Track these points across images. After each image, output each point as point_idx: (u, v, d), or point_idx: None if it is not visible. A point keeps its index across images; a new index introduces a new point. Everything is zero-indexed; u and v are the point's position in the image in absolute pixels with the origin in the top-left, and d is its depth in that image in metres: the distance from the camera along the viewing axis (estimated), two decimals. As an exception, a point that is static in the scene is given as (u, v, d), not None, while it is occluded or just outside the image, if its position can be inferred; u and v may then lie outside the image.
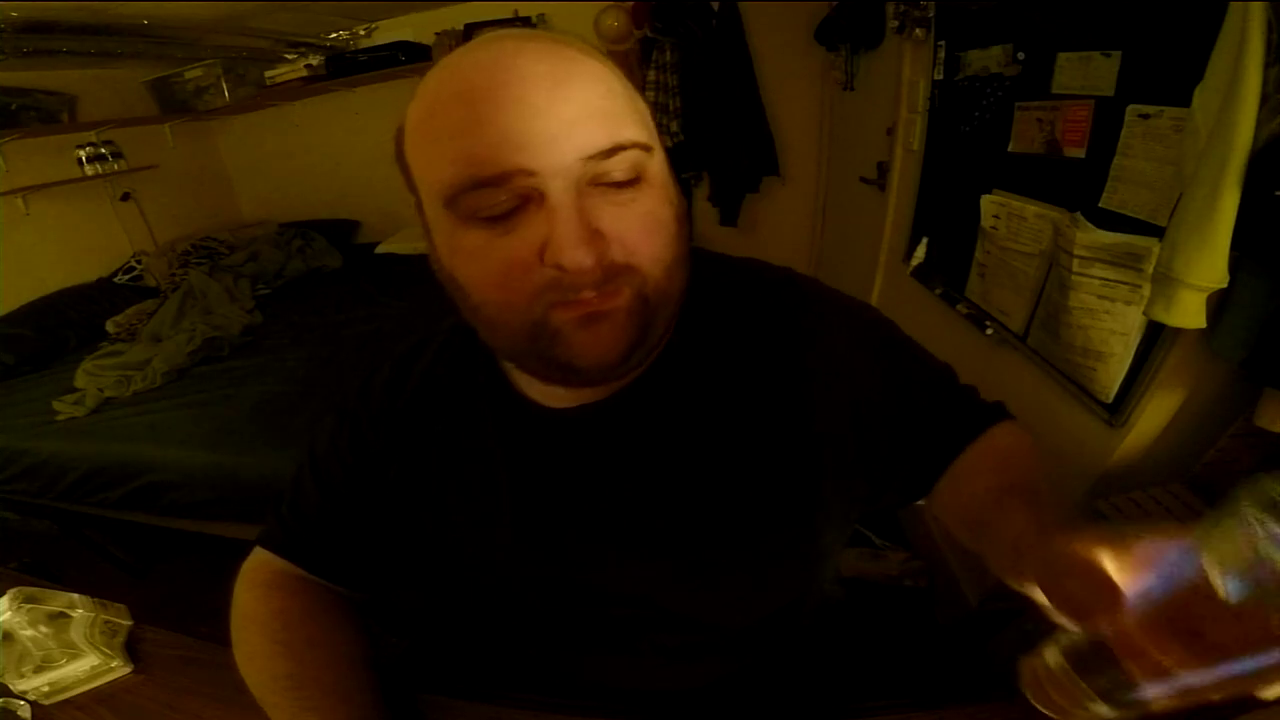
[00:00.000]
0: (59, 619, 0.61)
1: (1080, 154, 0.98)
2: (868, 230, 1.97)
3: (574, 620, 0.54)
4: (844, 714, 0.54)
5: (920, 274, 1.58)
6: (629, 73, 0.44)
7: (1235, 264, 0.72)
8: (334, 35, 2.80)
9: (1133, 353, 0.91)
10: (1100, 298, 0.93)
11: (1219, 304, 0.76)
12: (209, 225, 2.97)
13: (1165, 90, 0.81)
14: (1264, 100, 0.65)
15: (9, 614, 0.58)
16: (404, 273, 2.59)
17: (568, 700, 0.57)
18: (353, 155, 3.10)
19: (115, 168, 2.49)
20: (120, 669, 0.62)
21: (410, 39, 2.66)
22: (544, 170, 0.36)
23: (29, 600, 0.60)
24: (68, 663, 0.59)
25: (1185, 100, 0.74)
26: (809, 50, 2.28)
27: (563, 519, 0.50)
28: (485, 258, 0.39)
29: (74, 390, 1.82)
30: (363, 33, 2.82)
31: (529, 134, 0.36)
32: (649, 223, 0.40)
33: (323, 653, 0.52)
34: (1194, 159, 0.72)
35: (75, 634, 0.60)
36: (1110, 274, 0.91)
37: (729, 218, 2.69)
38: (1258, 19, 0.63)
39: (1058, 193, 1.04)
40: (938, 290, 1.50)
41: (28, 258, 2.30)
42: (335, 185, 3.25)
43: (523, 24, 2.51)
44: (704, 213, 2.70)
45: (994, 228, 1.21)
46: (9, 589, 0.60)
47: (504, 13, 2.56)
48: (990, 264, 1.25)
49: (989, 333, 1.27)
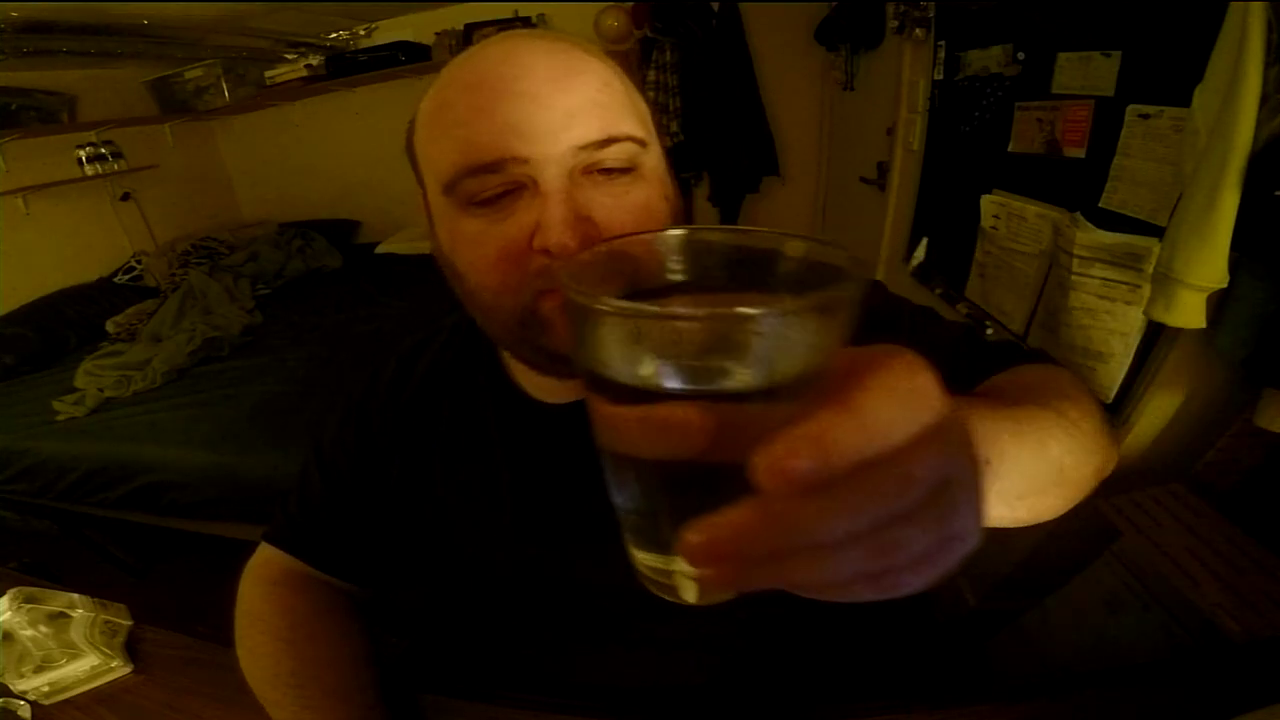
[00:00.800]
0: (59, 619, 0.61)
1: (1080, 154, 0.98)
2: (868, 230, 1.97)
3: (573, 613, 0.54)
4: (844, 714, 0.54)
5: (920, 274, 1.58)
6: (629, 73, 0.44)
7: (1235, 264, 0.72)
8: (334, 35, 2.81)
9: (1133, 353, 0.91)
10: (1100, 298, 0.93)
11: (1219, 304, 0.76)
12: (209, 225, 2.97)
13: (1165, 90, 0.81)
14: (1264, 100, 0.65)
15: (9, 614, 0.58)
16: (404, 273, 2.59)
17: (567, 700, 0.57)
18: (353, 155, 3.10)
19: (115, 168, 2.49)
20: (120, 669, 0.62)
21: (410, 39, 2.66)
22: (537, 158, 0.37)
23: (29, 600, 0.60)
24: (68, 663, 0.59)
25: (1185, 100, 0.74)
26: (809, 50, 2.28)
27: (562, 513, 0.50)
28: (481, 243, 0.39)
29: (74, 390, 1.82)
30: (363, 33, 2.82)
31: (525, 123, 0.37)
32: (641, 215, 0.40)
33: (326, 651, 0.52)
34: (1194, 159, 0.72)
35: (75, 634, 0.60)
36: (1110, 274, 0.91)
37: (729, 218, 2.69)
38: (1258, 19, 0.63)
39: (1058, 193, 1.04)
40: (938, 290, 1.50)
41: (28, 258, 2.31)
42: (335, 185, 3.25)
43: (523, 24, 2.51)
44: (704, 213, 2.70)
45: (994, 228, 1.21)
46: (9, 589, 0.60)
47: (504, 13, 2.56)
48: (990, 264, 1.25)
49: (989, 333, 1.27)
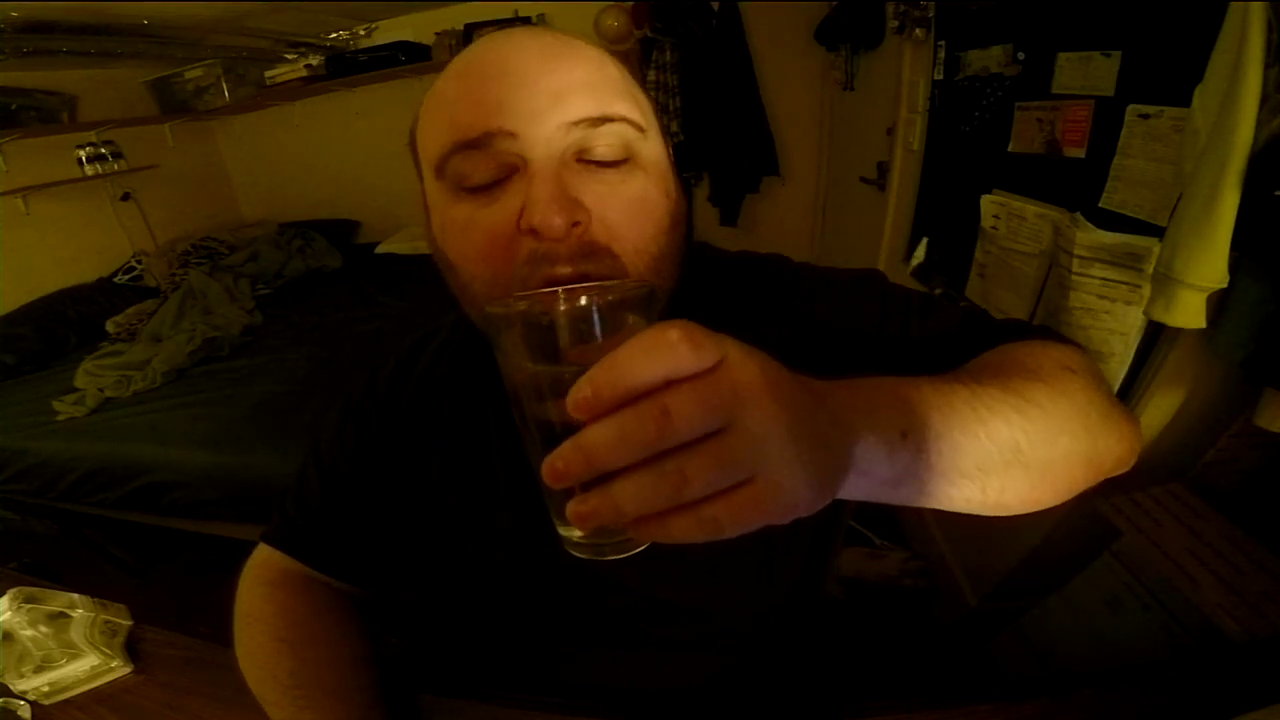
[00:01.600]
0: (59, 619, 0.61)
1: (1080, 154, 0.98)
2: (868, 230, 1.97)
3: (572, 612, 0.54)
4: (844, 714, 0.54)
5: (920, 274, 1.58)
6: (630, 72, 0.44)
7: (1235, 264, 0.72)
8: (334, 35, 2.80)
9: (1133, 353, 0.91)
10: (1100, 298, 0.93)
11: (1219, 304, 0.76)
12: (209, 225, 2.97)
13: (1165, 90, 0.81)
14: (1264, 100, 0.65)
15: (9, 614, 0.58)
16: (404, 273, 2.59)
17: (568, 700, 0.57)
18: (353, 155, 3.10)
19: (115, 168, 2.49)
20: (120, 669, 0.62)
21: (410, 39, 2.66)
22: (525, 134, 0.36)
23: (29, 600, 0.60)
24: (68, 663, 0.59)
25: (1185, 100, 0.74)
26: (809, 50, 2.27)
27: None
28: (470, 229, 0.39)
29: (74, 390, 1.82)
30: (363, 33, 2.82)
31: (514, 99, 0.36)
32: (635, 207, 0.39)
33: (325, 652, 0.52)
34: (1194, 159, 0.72)
35: (75, 634, 0.60)
36: (1110, 274, 0.91)
37: (729, 218, 2.69)
38: (1258, 19, 0.63)
39: (1058, 193, 1.04)
40: (938, 290, 1.50)
41: (28, 258, 2.31)
42: (335, 185, 3.25)
43: (523, 24, 2.51)
44: (704, 213, 2.70)
45: (994, 228, 1.21)
46: (9, 589, 0.60)
47: (504, 13, 2.56)
48: (990, 264, 1.25)
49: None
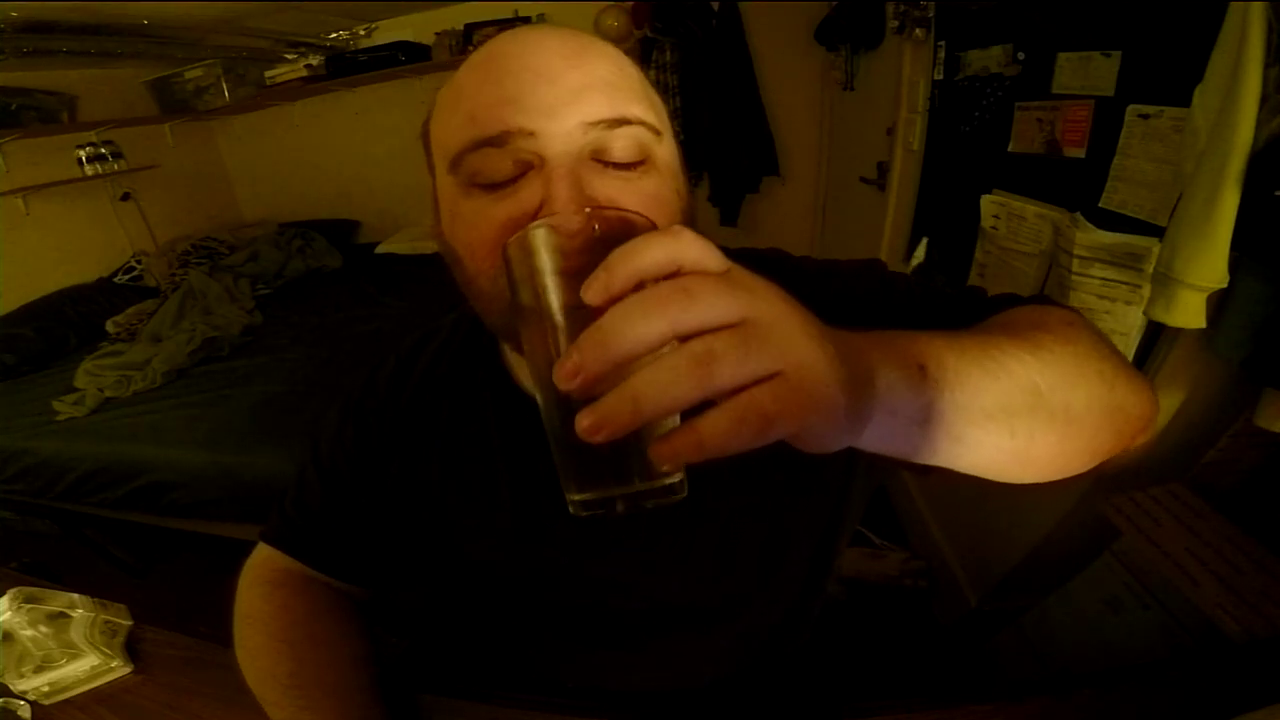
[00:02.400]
0: (59, 619, 0.61)
1: (1080, 154, 0.98)
2: (868, 230, 1.97)
3: (573, 612, 0.54)
4: (844, 714, 0.54)
5: (920, 274, 1.58)
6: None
7: (1235, 264, 0.72)
8: (334, 35, 2.80)
9: (1133, 353, 0.91)
10: (1100, 298, 0.93)
11: (1219, 304, 0.76)
12: (209, 225, 2.97)
13: (1165, 90, 0.81)
14: (1264, 100, 0.64)
15: (9, 614, 0.58)
16: (404, 273, 2.59)
17: (568, 700, 0.57)
18: (353, 155, 3.10)
19: (115, 168, 2.49)
20: (120, 669, 0.62)
21: (410, 39, 2.66)
22: (544, 132, 0.36)
23: (29, 600, 0.60)
24: (68, 663, 0.59)
25: (1185, 100, 0.74)
26: (809, 50, 2.27)
27: (562, 512, 0.50)
28: (482, 221, 0.38)
29: (74, 390, 1.82)
30: (363, 33, 2.82)
31: (533, 97, 0.36)
32: (650, 206, 0.39)
33: (325, 652, 0.52)
34: (1194, 159, 0.72)
35: (75, 634, 0.60)
36: (1110, 274, 0.91)
37: (729, 218, 2.69)
38: (1258, 19, 0.63)
39: (1058, 193, 1.04)
40: (938, 290, 1.50)
41: (28, 258, 2.30)
42: (335, 185, 3.25)
43: (523, 24, 2.51)
44: (704, 213, 2.70)
45: (994, 228, 1.21)
46: (9, 589, 0.60)
47: (504, 12, 2.56)
48: (990, 264, 1.25)
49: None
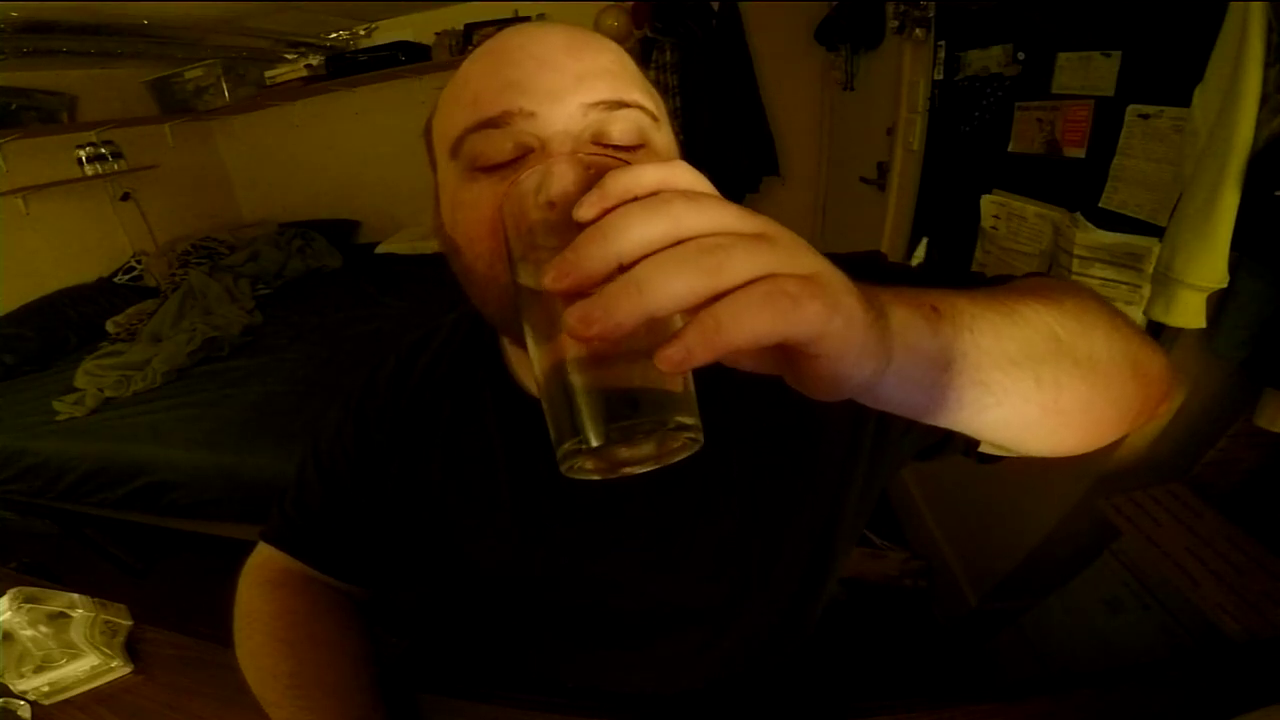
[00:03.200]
0: (59, 619, 0.61)
1: (1080, 154, 0.98)
2: (868, 230, 1.97)
3: (573, 612, 0.54)
4: (845, 714, 0.54)
5: (920, 274, 1.58)
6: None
7: (1235, 264, 0.72)
8: (334, 35, 2.80)
9: (1133, 353, 0.91)
10: (1100, 298, 0.93)
11: (1219, 304, 0.76)
12: (209, 225, 2.97)
13: (1165, 90, 0.81)
14: (1264, 100, 0.65)
15: (9, 614, 0.58)
16: (404, 273, 2.59)
17: (568, 700, 0.57)
18: (353, 155, 3.10)
19: (115, 168, 2.49)
20: (120, 669, 0.62)
21: (410, 39, 2.65)
22: (544, 113, 0.37)
23: (29, 600, 0.60)
24: (68, 663, 0.59)
25: (1185, 100, 0.74)
26: (809, 50, 2.27)
27: (561, 509, 0.50)
28: (480, 204, 0.38)
29: (74, 390, 1.82)
30: (363, 33, 2.82)
31: (534, 80, 0.37)
32: None
33: (325, 652, 0.52)
34: (1194, 159, 0.72)
35: (75, 634, 0.60)
36: (1110, 274, 0.91)
37: (729, 218, 2.69)
38: (1258, 19, 0.63)
39: (1058, 193, 1.04)
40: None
41: (28, 258, 2.30)
42: (335, 185, 3.25)
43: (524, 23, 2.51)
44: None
45: (994, 228, 1.21)
46: (9, 589, 0.60)
47: (504, 12, 2.56)
48: (990, 264, 1.25)
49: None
